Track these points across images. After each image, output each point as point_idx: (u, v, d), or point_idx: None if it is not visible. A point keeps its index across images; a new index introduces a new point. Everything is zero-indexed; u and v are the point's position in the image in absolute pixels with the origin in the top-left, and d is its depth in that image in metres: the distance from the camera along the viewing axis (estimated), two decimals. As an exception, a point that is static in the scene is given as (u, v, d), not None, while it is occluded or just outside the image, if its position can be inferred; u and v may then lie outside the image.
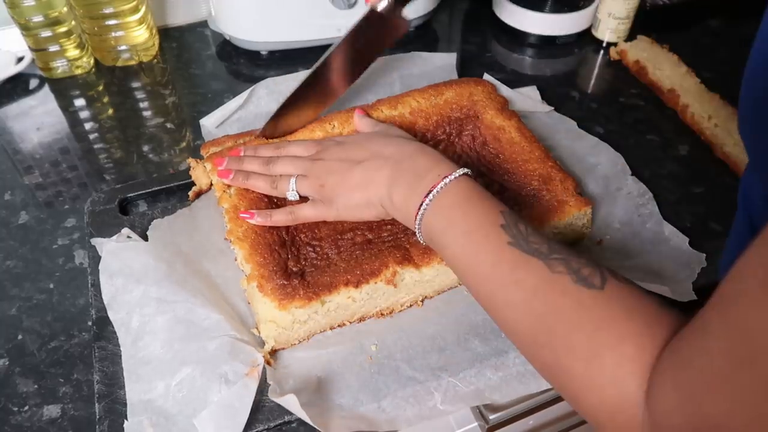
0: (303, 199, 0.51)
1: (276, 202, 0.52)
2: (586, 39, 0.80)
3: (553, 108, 0.67)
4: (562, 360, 0.35)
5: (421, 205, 0.43)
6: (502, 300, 0.39)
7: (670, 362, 0.30)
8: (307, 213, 0.49)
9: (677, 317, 0.34)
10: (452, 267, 0.43)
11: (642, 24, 0.79)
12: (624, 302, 0.35)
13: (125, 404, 0.43)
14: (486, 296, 0.40)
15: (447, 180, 0.43)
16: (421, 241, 0.46)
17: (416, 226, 0.44)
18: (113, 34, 0.72)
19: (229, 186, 0.52)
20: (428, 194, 0.43)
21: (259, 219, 0.49)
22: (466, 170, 0.44)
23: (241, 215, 0.49)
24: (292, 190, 0.50)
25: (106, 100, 0.72)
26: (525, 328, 0.38)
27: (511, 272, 0.38)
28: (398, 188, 0.45)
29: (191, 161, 0.56)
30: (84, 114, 0.70)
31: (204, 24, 0.82)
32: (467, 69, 0.73)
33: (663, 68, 0.72)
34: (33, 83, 0.73)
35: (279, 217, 0.49)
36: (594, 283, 0.36)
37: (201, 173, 0.56)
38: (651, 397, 0.31)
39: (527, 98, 0.68)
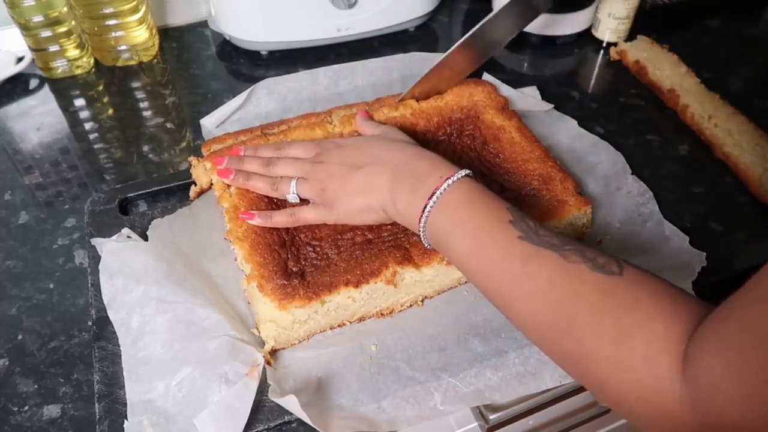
0: (304, 200, 0.51)
1: (276, 202, 0.52)
2: (586, 39, 0.80)
3: (553, 106, 0.68)
4: (587, 344, 0.35)
5: (425, 208, 0.43)
6: (515, 294, 0.38)
7: (717, 330, 0.30)
8: (308, 216, 0.49)
9: (695, 300, 0.34)
10: (460, 267, 0.43)
11: (642, 24, 0.79)
12: (645, 286, 0.35)
13: (125, 404, 0.43)
14: (497, 292, 0.40)
15: (449, 181, 0.43)
16: (426, 246, 0.46)
17: (420, 230, 0.44)
18: (113, 34, 0.72)
19: (229, 185, 0.52)
20: (431, 197, 0.43)
21: (259, 220, 0.49)
22: (467, 171, 0.44)
23: (242, 216, 0.49)
24: (293, 192, 0.50)
25: (106, 100, 0.72)
26: (542, 319, 0.37)
27: (522, 265, 0.38)
28: (400, 193, 0.45)
29: (192, 159, 0.56)
30: (84, 114, 0.70)
31: (204, 24, 0.82)
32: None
33: (663, 68, 0.72)
34: (33, 83, 0.73)
35: (279, 219, 0.49)
36: (612, 270, 0.36)
37: (202, 172, 0.56)
38: (692, 369, 0.31)
39: (527, 98, 0.68)
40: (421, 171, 0.45)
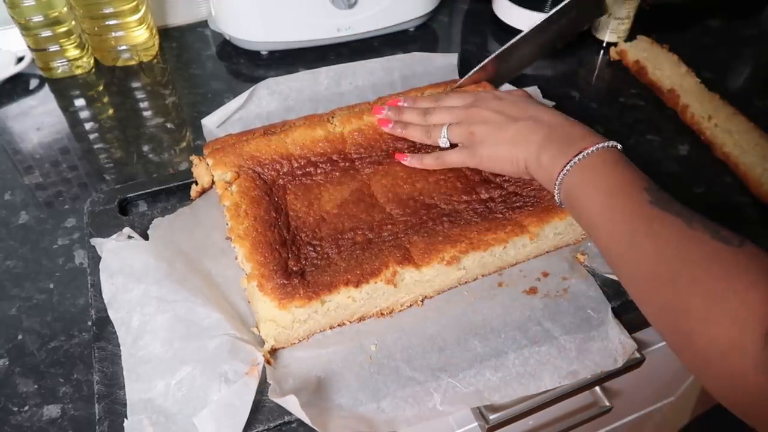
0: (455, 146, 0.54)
1: (275, 200, 0.52)
2: (586, 39, 0.80)
3: (554, 104, 0.68)
4: (684, 297, 0.37)
5: (568, 163, 0.45)
6: (631, 246, 0.40)
7: None
8: (452, 158, 0.53)
9: None
10: (585, 222, 0.45)
11: (642, 24, 0.79)
12: (758, 261, 0.36)
13: (125, 405, 0.43)
14: (614, 244, 0.42)
15: (598, 146, 0.45)
16: (557, 200, 0.48)
17: (556, 185, 0.47)
18: (113, 34, 0.73)
19: (230, 183, 0.52)
20: (577, 155, 0.45)
21: (411, 161, 0.54)
22: (617, 144, 0.46)
23: (397, 156, 0.55)
24: (444, 137, 0.53)
25: (106, 100, 0.72)
26: (648, 272, 0.39)
27: (646, 224, 0.40)
28: (549, 150, 0.47)
29: (194, 158, 0.56)
30: (84, 114, 0.70)
31: (204, 24, 0.82)
32: (467, 69, 0.73)
33: (663, 68, 0.72)
34: (33, 83, 0.73)
35: (429, 162, 0.54)
36: (732, 242, 0.37)
37: (203, 170, 0.56)
38: None
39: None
40: (574, 134, 0.48)
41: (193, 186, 0.57)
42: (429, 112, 0.55)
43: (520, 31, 0.78)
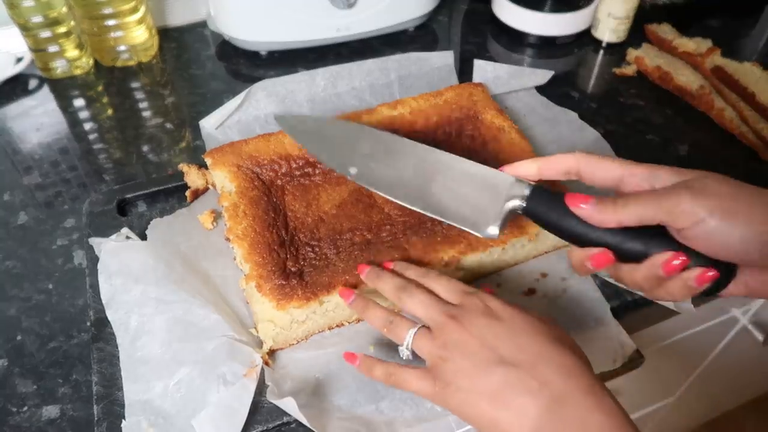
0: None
1: (274, 201, 0.52)
2: (585, 39, 0.80)
3: (553, 72, 0.68)
4: None
5: None
6: None
7: None
8: (411, 384, 0.39)
9: None
10: None
11: (642, 24, 0.79)
12: None
13: (124, 406, 0.43)
14: None
15: None
16: None
17: None
18: (112, 34, 0.72)
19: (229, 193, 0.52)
20: None
21: (360, 364, 0.42)
22: None
23: (346, 355, 0.44)
24: (407, 346, 0.40)
25: (105, 100, 0.72)
26: None
27: None
28: None
29: (183, 167, 0.56)
30: (83, 114, 0.70)
31: (203, 24, 0.82)
32: (467, 69, 0.73)
33: (684, 72, 0.71)
34: (32, 83, 0.73)
35: (378, 374, 0.41)
36: None
37: (195, 176, 0.56)
38: None
39: (524, 71, 0.69)
40: (591, 425, 0.34)
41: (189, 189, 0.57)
42: (406, 290, 0.42)
43: (519, 31, 0.79)
